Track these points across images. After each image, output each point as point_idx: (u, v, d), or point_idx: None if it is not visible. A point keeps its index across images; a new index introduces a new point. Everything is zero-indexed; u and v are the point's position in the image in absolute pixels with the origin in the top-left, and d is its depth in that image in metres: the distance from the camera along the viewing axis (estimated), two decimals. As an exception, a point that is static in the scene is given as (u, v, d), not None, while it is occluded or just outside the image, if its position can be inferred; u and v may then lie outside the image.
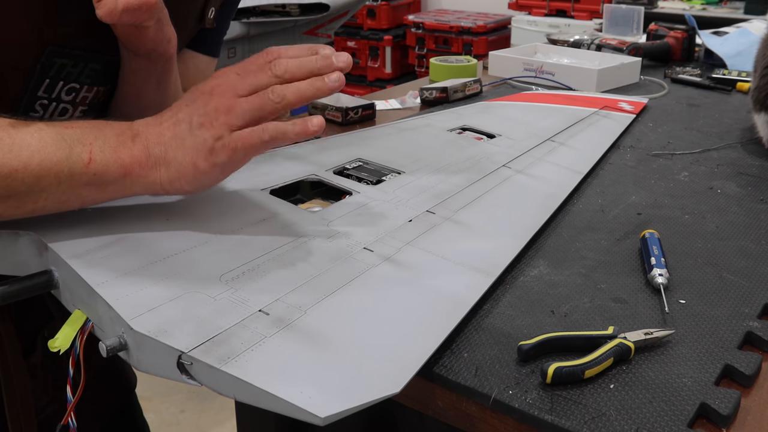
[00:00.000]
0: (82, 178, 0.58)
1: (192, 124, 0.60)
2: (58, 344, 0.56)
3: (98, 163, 0.58)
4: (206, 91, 0.61)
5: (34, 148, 0.57)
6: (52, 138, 0.58)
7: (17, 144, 0.56)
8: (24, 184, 0.56)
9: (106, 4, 0.59)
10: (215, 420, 2.13)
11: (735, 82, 1.48)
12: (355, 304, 0.58)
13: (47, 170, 0.57)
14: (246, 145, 0.59)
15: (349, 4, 2.81)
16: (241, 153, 0.60)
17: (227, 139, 0.59)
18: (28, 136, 0.57)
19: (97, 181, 0.59)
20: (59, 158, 0.57)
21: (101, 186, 0.59)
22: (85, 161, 0.58)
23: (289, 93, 0.60)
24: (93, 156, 0.58)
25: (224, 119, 0.59)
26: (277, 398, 0.46)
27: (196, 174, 0.60)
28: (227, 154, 0.59)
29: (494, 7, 4.36)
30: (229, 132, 0.59)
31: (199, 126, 0.60)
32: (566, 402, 0.53)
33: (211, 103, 0.60)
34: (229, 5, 0.82)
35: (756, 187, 0.95)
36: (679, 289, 0.69)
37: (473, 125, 1.09)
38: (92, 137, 0.59)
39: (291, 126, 0.60)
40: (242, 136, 0.59)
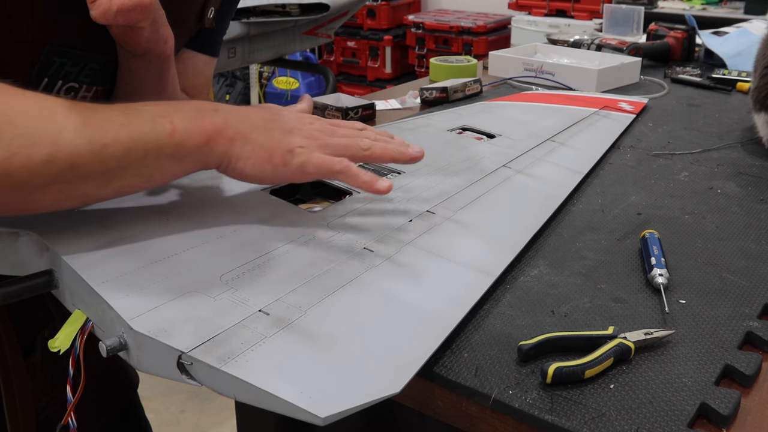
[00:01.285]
0: (166, 149, 0.59)
1: (284, 127, 0.65)
2: (58, 344, 0.56)
3: (181, 132, 0.59)
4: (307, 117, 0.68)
5: (121, 121, 0.57)
6: (135, 113, 0.59)
7: (105, 119, 0.57)
8: (115, 159, 0.56)
9: (100, 5, 0.59)
10: (215, 420, 2.13)
11: (735, 82, 1.48)
12: (356, 304, 0.58)
13: (135, 142, 0.57)
14: (318, 164, 0.63)
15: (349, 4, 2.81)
16: (311, 168, 0.63)
17: (309, 150, 0.64)
18: (113, 111, 0.58)
19: (180, 151, 0.59)
20: (145, 130, 0.58)
21: (183, 158, 0.60)
22: (168, 131, 0.59)
23: (376, 146, 0.67)
24: (175, 125, 0.59)
25: (313, 141, 0.65)
26: (277, 398, 0.46)
27: (266, 162, 0.62)
28: (301, 161, 0.63)
29: (494, 7, 4.36)
30: (313, 148, 0.64)
31: (289, 132, 0.65)
32: (566, 402, 0.53)
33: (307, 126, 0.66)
34: (229, 5, 0.82)
35: (756, 187, 0.95)
36: (679, 289, 0.69)
37: (473, 125, 1.09)
38: (171, 109, 0.60)
39: (362, 173, 0.64)
40: (320, 155, 0.64)
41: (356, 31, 4.46)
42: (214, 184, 0.75)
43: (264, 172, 0.63)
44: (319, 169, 0.64)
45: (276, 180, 0.65)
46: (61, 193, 0.56)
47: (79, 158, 0.55)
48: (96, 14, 0.60)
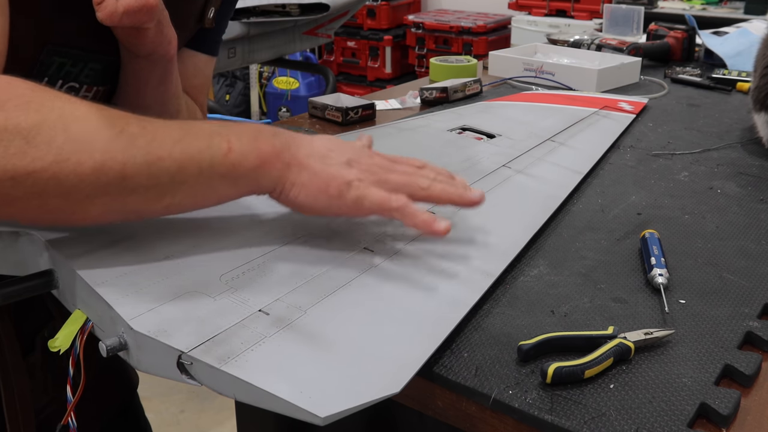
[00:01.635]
0: (220, 168, 0.57)
1: (342, 158, 0.63)
2: (58, 344, 0.56)
3: (237, 153, 0.58)
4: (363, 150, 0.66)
5: (176, 137, 0.56)
6: (192, 129, 0.58)
7: (160, 133, 0.56)
8: (167, 173, 0.55)
9: (106, 7, 0.59)
10: (215, 420, 2.13)
11: (735, 82, 1.48)
12: (356, 304, 0.58)
13: (189, 158, 0.56)
14: (374, 201, 0.61)
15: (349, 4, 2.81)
16: (367, 203, 0.61)
17: (366, 185, 0.62)
18: (169, 126, 0.57)
19: (234, 172, 0.58)
20: (200, 147, 0.57)
21: (236, 179, 0.59)
22: (224, 150, 0.57)
23: (435, 186, 0.65)
24: (232, 145, 0.58)
25: (371, 175, 0.63)
26: (277, 398, 0.46)
27: (321, 192, 0.61)
28: (357, 195, 0.61)
29: (494, 7, 4.36)
30: (370, 183, 0.62)
31: (348, 164, 0.62)
32: (566, 402, 0.53)
33: (366, 160, 0.64)
34: (228, 4, 0.82)
35: (756, 187, 0.95)
36: (679, 289, 0.69)
37: (473, 125, 1.09)
38: (229, 129, 0.59)
39: (419, 213, 0.62)
40: (377, 191, 0.62)
41: (356, 31, 4.46)
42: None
43: (318, 202, 0.61)
44: (375, 204, 0.61)
45: (330, 212, 0.62)
46: (110, 204, 0.54)
47: (131, 169, 0.53)
48: (102, 16, 0.59)
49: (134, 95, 0.71)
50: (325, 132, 1.16)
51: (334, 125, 1.21)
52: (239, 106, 4.28)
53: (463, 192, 0.67)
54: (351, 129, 1.15)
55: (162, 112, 0.74)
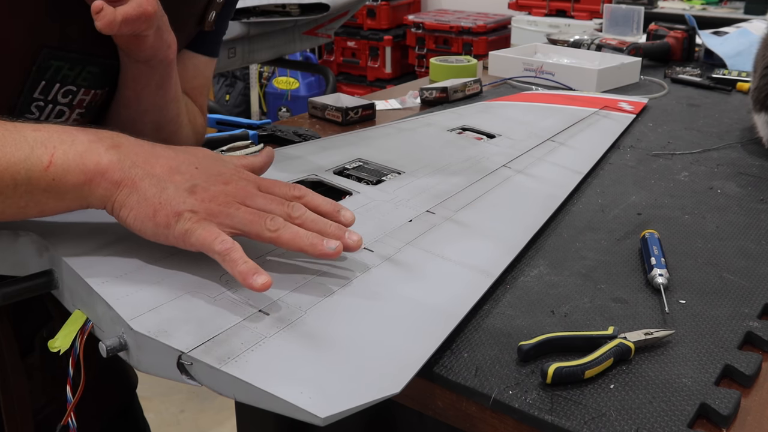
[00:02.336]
0: (40, 182, 0.55)
1: (186, 183, 0.58)
2: (58, 344, 0.56)
3: (58, 167, 0.55)
4: (224, 177, 0.60)
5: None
6: (14, 138, 0.55)
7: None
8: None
9: (105, 16, 0.59)
10: (215, 420, 2.13)
11: (735, 82, 1.48)
12: (355, 304, 0.58)
13: (3, 170, 0.54)
14: (201, 238, 0.56)
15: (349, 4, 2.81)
16: (193, 239, 0.56)
17: (197, 219, 0.56)
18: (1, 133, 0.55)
19: (56, 187, 0.55)
20: (17, 159, 0.54)
21: (60, 193, 0.56)
22: (44, 164, 0.55)
23: (285, 232, 0.58)
24: (54, 159, 0.55)
25: (213, 208, 0.57)
26: (277, 398, 0.46)
27: (147, 219, 0.56)
28: (185, 229, 0.56)
29: (494, 7, 4.36)
30: (205, 218, 0.56)
31: (191, 192, 0.57)
32: (566, 402, 0.53)
33: (217, 189, 0.58)
34: (229, 6, 0.82)
35: (756, 187, 0.95)
36: (679, 289, 0.69)
37: (473, 125, 1.09)
38: (58, 141, 0.56)
39: (241, 262, 0.55)
40: (207, 228, 0.56)
41: (356, 31, 4.45)
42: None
43: (145, 228, 0.57)
44: (199, 243, 0.56)
45: (158, 239, 0.57)
46: None
47: None
48: (101, 25, 0.59)
49: (133, 99, 0.71)
50: (325, 132, 1.16)
51: (334, 125, 1.21)
52: (239, 106, 4.28)
53: (316, 243, 0.58)
54: (351, 129, 1.15)
55: (161, 115, 0.74)
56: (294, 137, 1.09)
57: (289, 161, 0.86)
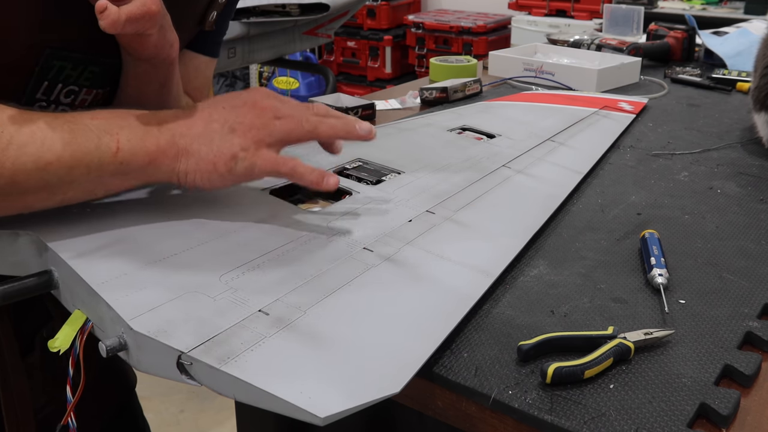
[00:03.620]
0: (109, 167, 0.60)
1: (225, 127, 0.63)
2: (58, 344, 0.56)
3: (125, 152, 0.60)
4: (248, 102, 0.65)
5: (66, 140, 0.58)
6: (81, 129, 0.59)
7: (49, 137, 0.58)
8: (56, 176, 0.58)
9: (108, 15, 0.59)
10: (215, 420, 2.13)
11: (735, 82, 1.48)
12: (355, 304, 0.58)
13: (78, 161, 0.58)
14: (264, 167, 0.63)
15: (349, 4, 2.81)
16: (257, 171, 0.63)
17: (252, 152, 0.62)
18: (59, 129, 0.58)
19: (123, 169, 0.60)
20: (89, 149, 0.59)
21: (126, 174, 0.61)
22: (113, 150, 0.59)
23: (322, 125, 0.66)
24: (120, 145, 0.60)
25: (256, 133, 0.63)
26: (276, 398, 0.46)
27: (212, 173, 0.62)
28: (245, 166, 0.62)
29: (494, 7, 4.36)
30: (256, 147, 0.63)
31: (231, 131, 0.63)
32: (566, 402, 0.53)
33: (249, 115, 0.64)
34: (229, 6, 0.82)
35: (756, 187, 0.95)
36: (679, 289, 0.69)
37: (473, 125, 1.09)
38: (118, 127, 0.61)
39: (309, 172, 0.64)
40: (264, 156, 0.63)
41: (356, 31, 4.45)
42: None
43: (213, 182, 0.63)
44: (265, 171, 0.63)
45: (227, 185, 0.64)
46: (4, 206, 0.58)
47: (21, 175, 0.56)
48: (105, 24, 0.59)
49: (135, 98, 0.71)
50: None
51: (334, 125, 1.21)
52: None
53: (350, 129, 0.67)
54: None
55: None
56: (294, 137, 1.09)
57: (289, 161, 0.86)
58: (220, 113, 0.64)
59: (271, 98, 0.67)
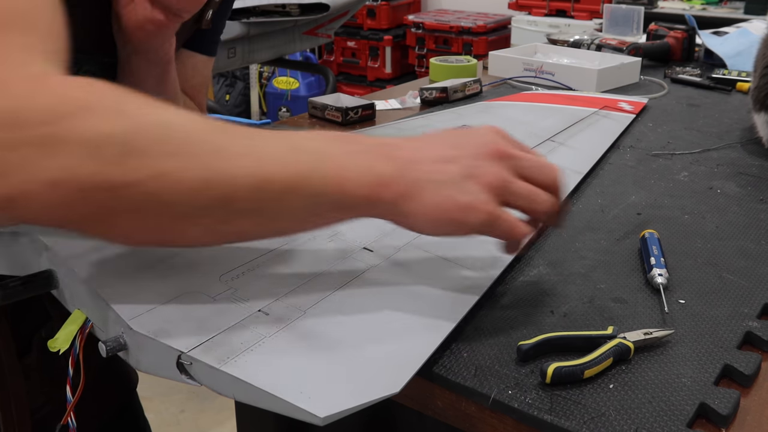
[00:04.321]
0: (330, 196, 0.52)
1: (463, 171, 0.55)
2: (58, 344, 0.56)
3: (349, 180, 0.52)
4: (491, 149, 0.57)
5: (285, 159, 0.51)
6: (301, 149, 0.52)
7: (266, 153, 0.50)
8: (272, 199, 0.50)
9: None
10: (215, 420, 2.13)
11: (735, 82, 1.48)
12: (355, 304, 0.58)
13: (297, 185, 0.50)
14: (503, 228, 0.56)
15: (349, 4, 2.81)
16: (495, 230, 0.56)
17: (492, 208, 0.55)
18: (277, 144, 0.51)
19: (343, 201, 0.52)
20: (309, 172, 0.51)
21: (343, 207, 0.53)
22: (335, 177, 0.52)
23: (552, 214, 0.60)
24: (344, 173, 0.52)
25: (499, 186, 0.55)
26: (276, 398, 0.46)
27: (440, 220, 0.54)
28: (482, 221, 0.55)
29: (494, 7, 4.36)
30: (496, 203, 0.55)
31: (470, 177, 0.55)
32: (566, 402, 0.53)
33: (492, 164, 0.56)
34: (226, 4, 0.82)
35: (756, 187, 0.95)
36: (678, 289, 0.69)
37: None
38: (339, 152, 0.53)
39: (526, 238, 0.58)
40: (505, 217, 0.56)
41: (356, 31, 4.46)
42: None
43: (440, 230, 0.55)
44: (502, 233, 0.56)
45: (453, 235, 0.57)
46: (211, 227, 0.50)
47: (236, 191, 0.48)
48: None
49: None
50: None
51: (334, 125, 1.22)
52: (239, 106, 4.28)
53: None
54: (351, 129, 1.15)
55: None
56: (294, 137, 1.09)
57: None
58: (454, 152, 0.56)
59: (511, 145, 0.59)
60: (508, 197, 0.56)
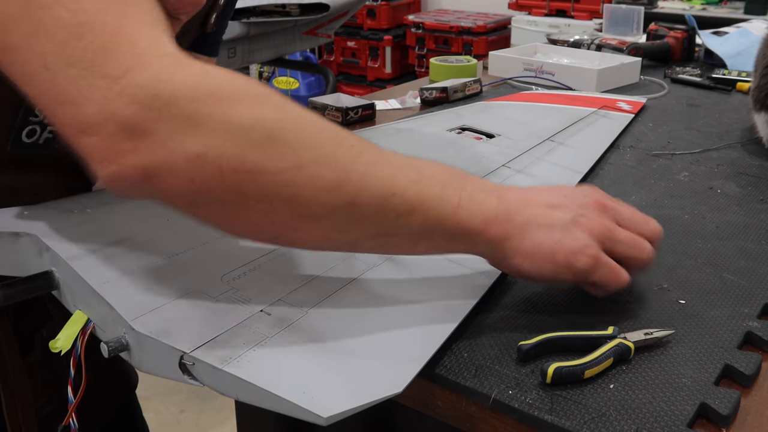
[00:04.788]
0: (446, 222, 0.53)
1: (567, 217, 0.58)
2: (59, 345, 0.56)
3: (465, 211, 0.54)
4: (594, 200, 0.61)
5: (412, 177, 0.52)
6: (427, 172, 0.54)
7: (396, 167, 0.52)
8: (395, 212, 0.51)
9: None
10: (215, 420, 2.13)
11: (735, 82, 1.48)
12: (357, 304, 0.58)
13: (420, 204, 0.52)
14: (605, 275, 0.58)
15: (349, 4, 2.81)
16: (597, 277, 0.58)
17: (595, 254, 0.57)
18: (404, 165, 0.53)
19: (456, 230, 0.54)
20: (434, 194, 0.53)
21: (454, 237, 0.55)
22: (454, 205, 0.53)
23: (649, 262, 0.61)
24: (462, 202, 0.54)
25: (600, 236, 0.58)
26: (279, 398, 0.46)
27: (546, 262, 0.57)
28: (586, 266, 0.57)
29: (494, 7, 4.36)
30: (598, 249, 0.58)
31: (577, 224, 0.58)
32: (566, 402, 0.53)
33: (597, 213, 0.59)
34: (229, 6, 0.82)
35: (756, 187, 0.95)
36: (679, 289, 0.69)
37: (473, 125, 1.09)
38: (459, 183, 0.55)
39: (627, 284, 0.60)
40: (607, 263, 0.58)
41: (356, 31, 4.46)
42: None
43: (543, 273, 0.57)
44: (604, 282, 0.59)
45: (555, 280, 0.59)
46: (332, 230, 0.51)
47: (363, 198, 0.49)
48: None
49: None
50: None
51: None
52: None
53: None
54: (351, 129, 1.15)
55: None
56: (294, 137, 1.09)
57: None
58: (562, 200, 0.59)
59: (613, 201, 0.62)
60: (612, 245, 0.59)
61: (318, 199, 0.48)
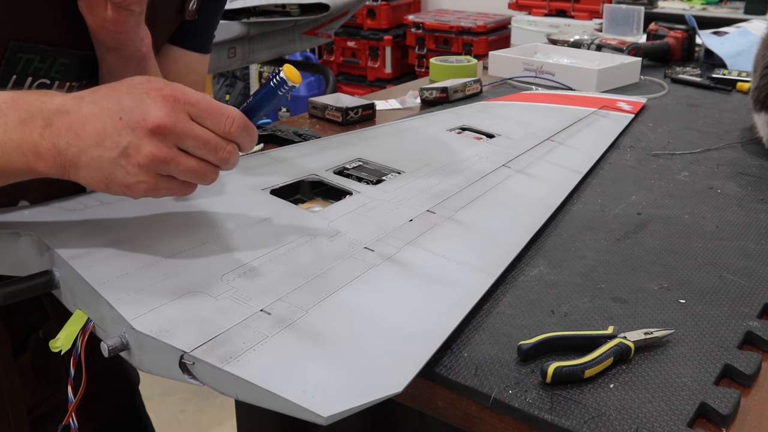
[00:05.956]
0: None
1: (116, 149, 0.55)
2: (59, 344, 0.56)
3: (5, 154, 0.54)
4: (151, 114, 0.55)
5: None
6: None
7: None
8: None
9: None
10: (215, 420, 2.13)
11: (735, 82, 1.48)
12: (357, 304, 0.58)
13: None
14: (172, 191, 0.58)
15: (349, 4, 2.81)
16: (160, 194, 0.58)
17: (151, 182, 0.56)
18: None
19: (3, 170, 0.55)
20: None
21: (7, 175, 0.56)
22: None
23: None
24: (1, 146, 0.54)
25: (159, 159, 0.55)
26: (280, 398, 0.46)
27: (106, 190, 0.57)
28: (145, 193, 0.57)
29: (494, 7, 4.35)
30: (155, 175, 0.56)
31: (127, 158, 0.55)
32: (566, 401, 0.53)
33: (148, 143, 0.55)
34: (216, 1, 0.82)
35: (756, 187, 0.96)
36: (679, 289, 0.69)
37: (473, 125, 1.09)
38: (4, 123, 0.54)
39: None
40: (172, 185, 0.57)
41: (356, 31, 4.45)
42: (214, 184, 0.75)
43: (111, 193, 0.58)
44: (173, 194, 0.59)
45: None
46: None
47: None
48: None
49: None
50: (326, 132, 1.16)
51: (334, 125, 1.22)
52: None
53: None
54: (351, 129, 1.15)
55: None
56: (294, 137, 1.09)
57: (289, 161, 0.86)
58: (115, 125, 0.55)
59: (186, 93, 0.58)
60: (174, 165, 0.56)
61: None
